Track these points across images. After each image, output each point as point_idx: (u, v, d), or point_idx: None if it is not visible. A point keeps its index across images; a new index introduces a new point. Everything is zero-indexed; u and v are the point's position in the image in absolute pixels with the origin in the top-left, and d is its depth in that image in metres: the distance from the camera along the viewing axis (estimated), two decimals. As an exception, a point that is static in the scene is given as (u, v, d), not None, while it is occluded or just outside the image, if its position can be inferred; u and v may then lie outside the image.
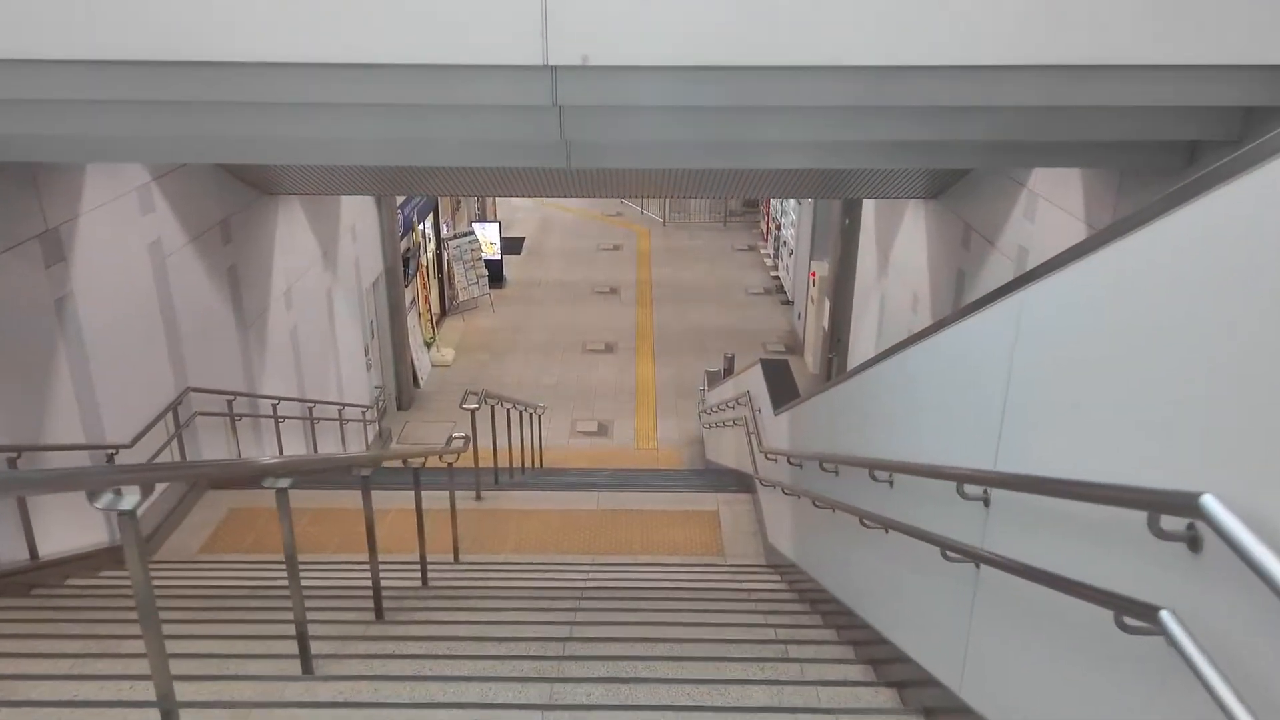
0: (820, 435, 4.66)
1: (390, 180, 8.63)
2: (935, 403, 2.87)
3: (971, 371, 2.56)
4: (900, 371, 3.22)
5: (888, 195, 9.22)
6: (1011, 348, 2.30)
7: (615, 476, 10.23)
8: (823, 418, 4.61)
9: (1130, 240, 1.85)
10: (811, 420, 4.92)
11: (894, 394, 3.30)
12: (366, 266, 12.11)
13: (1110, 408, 1.93)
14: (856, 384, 3.80)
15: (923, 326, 8.31)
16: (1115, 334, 1.93)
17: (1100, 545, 1.93)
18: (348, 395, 11.29)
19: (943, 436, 2.82)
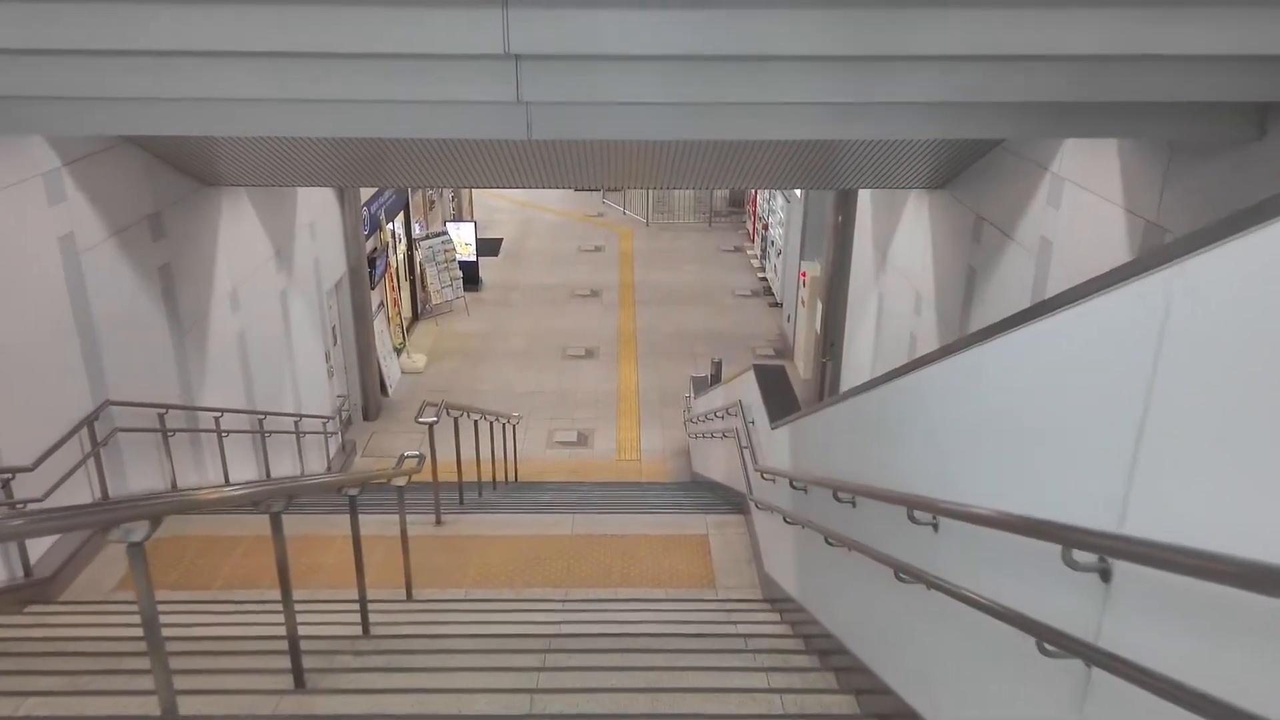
0: (832, 457, 3.90)
1: (344, 168, 7.84)
2: (1013, 423, 2.11)
3: (1082, 380, 1.80)
4: (953, 380, 2.46)
5: (888, 185, 8.50)
6: (1155, 348, 1.54)
7: (594, 492, 9.46)
8: (836, 436, 3.84)
9: None
10: (820, 438, 4.16)
11: (944, 410, 2.53)
12: (327, 267, 11.29)
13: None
14: (884, 396, 3.04)
15: (928, 329, 7.48)
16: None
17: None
18: (306, 405, 10.46)
19: (1025, 471, 2.06)
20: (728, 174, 7.90)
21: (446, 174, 7.79)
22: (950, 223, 7.81)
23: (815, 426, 4.26)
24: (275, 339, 9.56)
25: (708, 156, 7.36)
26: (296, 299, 10.15)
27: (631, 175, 7.88)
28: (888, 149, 7.20)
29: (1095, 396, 1.74)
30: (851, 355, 11.15)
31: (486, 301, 17.37)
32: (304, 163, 7.55)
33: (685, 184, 8.11)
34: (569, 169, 7.41)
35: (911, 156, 7.44)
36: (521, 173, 7.62)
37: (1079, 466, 1.80)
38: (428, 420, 6.11)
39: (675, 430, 12.66)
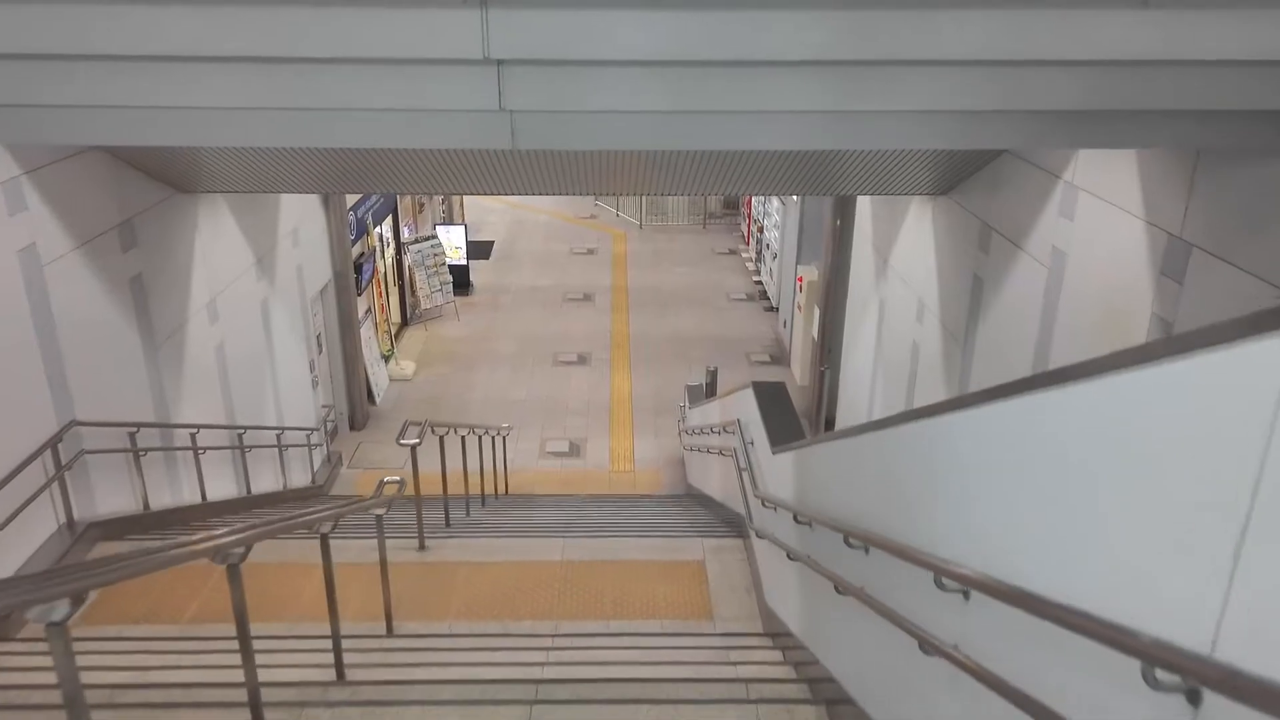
0: (842, 494, 3.60)
1: (327, 176, 7.53)
2: (1076, 491, 1.82)
3: (1173, 452, 1.51)
4: (1002, 430, 2.16)
5: (888, 191, 8.23)
6: (1270, 425, 1.25)
7: (586, 507, 9.17)
8: (848, 472, 3.55)
9: None
10: (830, 471, 3.86)
11: (986, 462, 2.24)
12: (312, 274, 10.97)
13: None
14: (911, 435, 2.75)
15: (931, 338, 7.19)
16: None
17: None
18: (289, 417, 10.15)
19: (1088, 553, 1.76)
20: (722, 181, 7.61)
21: (433, 182, 7.49)
22: (955, 230, 7.53)
23: (824, 458, 3.96)
24: (256, 350, 9.25)
25: (701, 164, 7.08)
26: (279, 308, 9.83)
27: (623, 183, 7.59)
28: (889, 155, 6.92)
29: (1189, 475, 1.45)
30: (851, 363, 10.88)
31: (477, 306, 17.06)
32: (285, 170, 7.24)
33: (678, 191, 7.82)
34: (558, 177, 7.12)
35: (913, 163, 7.16)
36: (510, 180, 7.33)
37: (1163, 557, 1.51)
38: (409, 442, 5.80)
39: (669, 439, 12.37)
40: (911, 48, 3.57)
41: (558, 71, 3.33)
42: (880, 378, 9.60)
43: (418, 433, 5.93)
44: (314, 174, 7.37)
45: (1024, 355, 6.07)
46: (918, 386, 8.37)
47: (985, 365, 6.83)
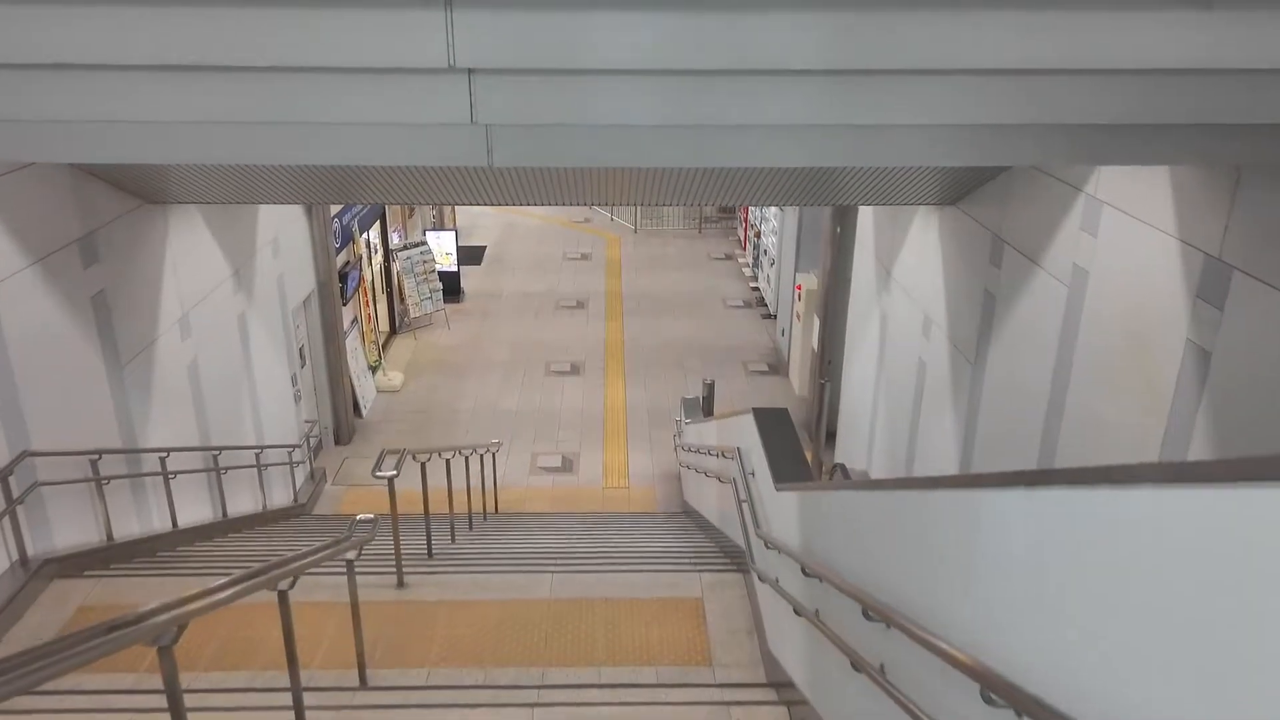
0: (864, 557, 3.23)
1: (302, 187, 7.14)
2: (1197, 616, 1.45)
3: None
4: (1083, 519, 1.79)
5: (893, 202, 7.86)
6: None
7: (578, 530, 8.79)
8: (871, 532, 3.18)
9: None
10: (847, 526, 3.49)
11: (1062, 556, 1.87)
12: (293, 284, 10.58)
13: None
14: (957, 505, 2.38)
15: (939, 355, 6.82)
16: None
17: None
18: (270, 434, 9.76)
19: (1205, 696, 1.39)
20: (718, 192, 7.25)
21: (412, 193, 7.11)
22: (964, 243, 7.17)
23: (841, 509, 3.59)
24: (233, 365, 8.85)
25: (697, 175, 6.71)
26: (258, 321, 9.44)
27: (614, 194, 7.21)
28: (895, 167, 6.56)
29: None
30: (852, 376, 10.51)
31: (468, 313, 16.67)
32: (258, 182, 6.85)
33: (673, 201, 7.45)
34: (544, 188, 6.75)
35: (920, 174, 6.79)
36: (494, 191, 6.95)
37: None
38: (386, 474, 5.42)
39: (665, 453, 12.00)
40: (927, 55, 3.21)
41: (528, 81, 2.95)
42: (883, 393, 9.23)
43: (395, 463, 5.54)
44: (289, 186, 6.98)
45: (1041, 378, 5.71)
46: (924, 404, 8.01)
47: (999, 387, 6.47)
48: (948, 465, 7.40)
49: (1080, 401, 5.30)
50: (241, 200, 7.72)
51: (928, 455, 7.92)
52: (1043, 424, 5.77)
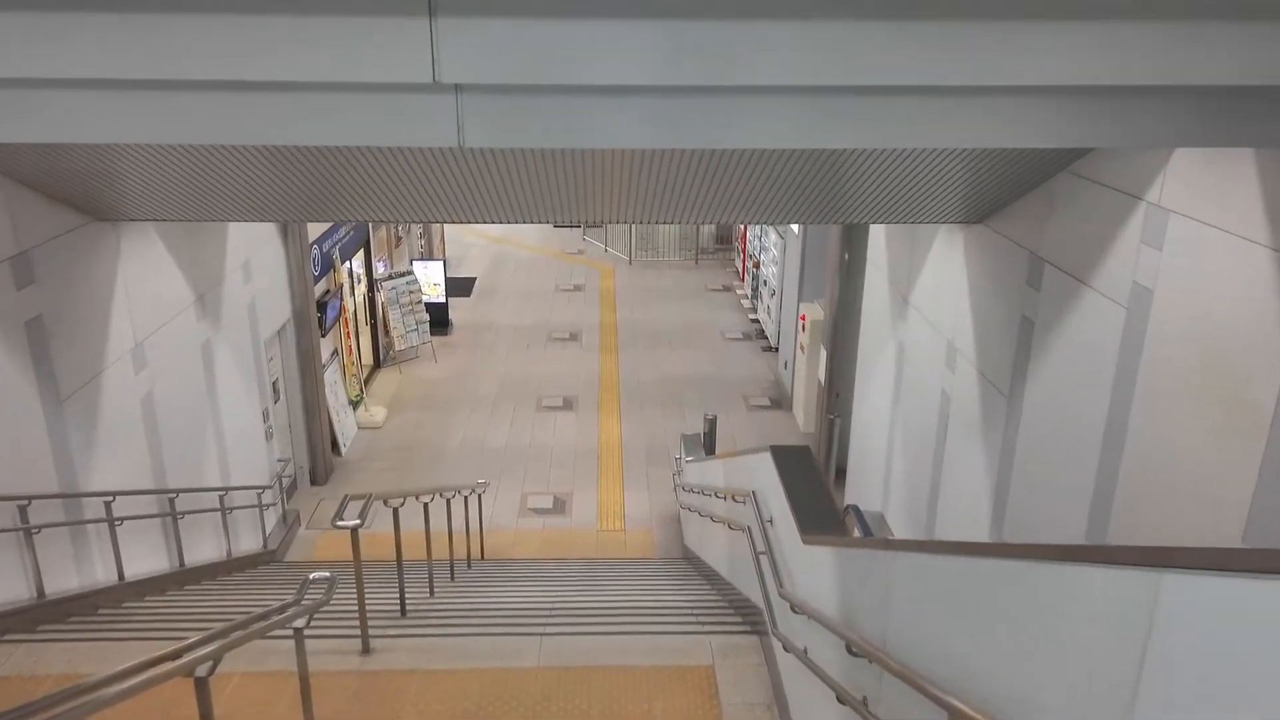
0: (945, 639, 2.53)
1: (273, 201, 6.47)
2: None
3: None
4: None
5: (910, 219, 7.22)
6: None
7: (570, 579, 8.04)
8: (958, 607, 2.48)
9: None
10: (915, 596, 2.79)
11: None
12: (267, 313, 9.89)
13: None
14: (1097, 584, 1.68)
15: (965, 387, 6.11)
16: None
17: None
18: (237, 475, 9.01)
19: None
20: (717, 205, 6.61)
21: (389, 206, 6.45)
22: (995, 264, 6.53)
23: (903, 572, 2.88)
24: (195, 400, 8.14)
25: (695, 184, 6.09)
26: (225, 351, 8.74)
27: (607, 206, 6.57)
28: (914, 174, 5.93)
29: None
30: (864, 410, 9.83)
31: (456, 346, 15.99)
32: (218, 195, 6.19)
33: (669, 218, 6.82)
34: (530, 200, 6.11)
35: (943, 185, 6.16)
36: (478, 204, 6.30)
37: None
38: (347, 524, 4.69)
39: (664, 493, 11.27)
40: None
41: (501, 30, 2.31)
42: (900, 428, 8.55)
43: (360, 510, 4.82)
44: (252, 200, 6.32)
45: (1094, 411, 5.04)
46: (950, 440, 7.33)
47: (1040, 421, 5.79)
48: (978, 506, 6.71)
49: (1145, 435, 4.62)
50: (203, 217, 7.05)
51: (954, 495, 7.23)
52: (1097, 461, 5.08)
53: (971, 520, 6.79)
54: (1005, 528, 6.26)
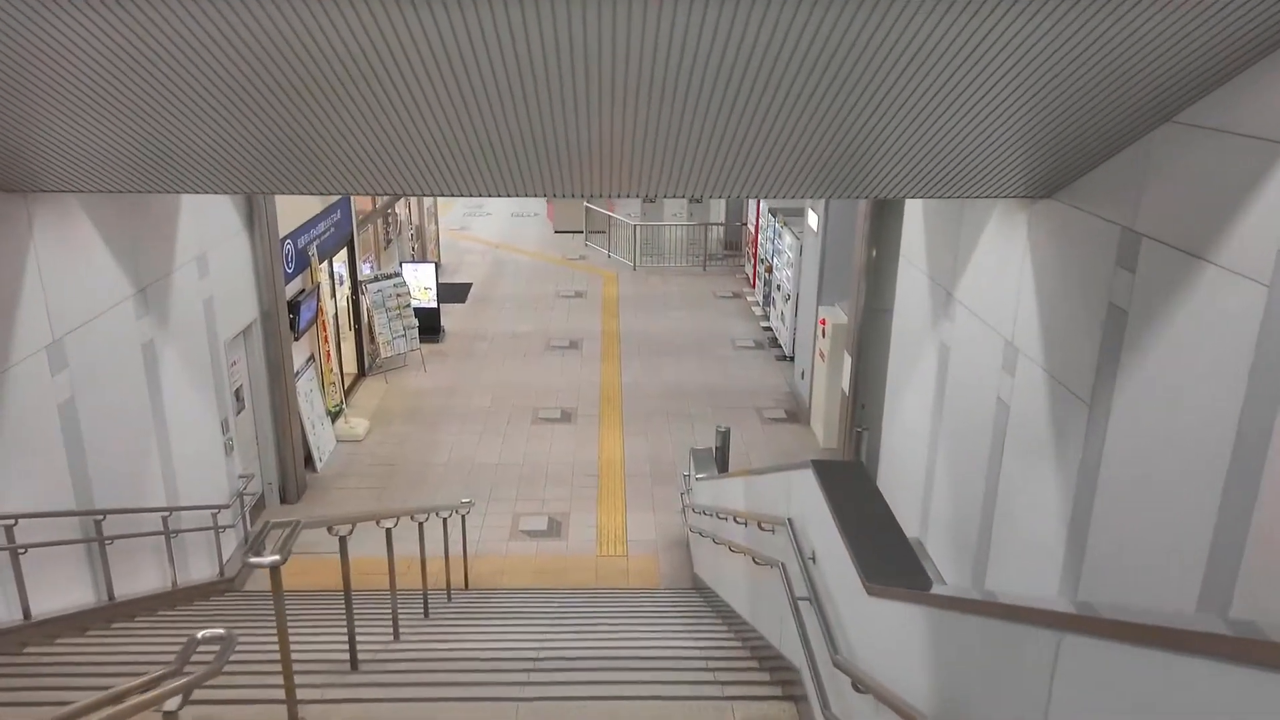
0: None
1: (236, 162, 5.41)
2: None
3: None
4: None
5: (959, 193, 6.15)
6: None
7: (565, 618, 6.94)
8: None
9: None
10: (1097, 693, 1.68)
11: None
12: (228, 311, 8.85)
13: None
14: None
15: (1030, 391, 4.65)
16: None
17: None
18: (189, 494, 7.94)
19: None
20: (737, 173, 5.56)
21: (374, 176, 5.42)
22: (1070, 244, 5.46)
23: (1077, 662, 1.79)
24: (132, 408, 7.08)
25: (711, 146, 5.05)
26: (173, 353, 7.69)
27: (616, 175, 5.52)
28: (969, 131, 4.87)
29: None
30: (896, 422, 8.74)
31: (447, 354, 14.93)
32: (163, 153, 5.13)
33: (682, 189, 5.77)
34: (535, 167, 5.08)
35: (1004, 145, 5.09)
36: (476, 174, 5.27)
37: None
38: (263, 561, 3.58)
39: (670, 514, 10.18)
40: None
41: None
42: (943, 442, 7.46)
43: (279, 541, 3.71)
44: (210, 163, 5.27)
45: (1218, 425, 3.94)
46: (1008, 456, 6.24)
47: (1136, 437, 4.69)
48: (1047, 543, 5.59)
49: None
50: (143, 187, 5.97)
51: (1014, 526, 6.12)
52: (1219, 490, 3.99)
53: (1037, 560, 5.68)
54: (1084, 571, 5.15)
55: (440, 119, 4.48)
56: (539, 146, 4.85)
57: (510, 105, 4.31)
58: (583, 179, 5.65)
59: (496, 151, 4.88)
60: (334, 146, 4.93)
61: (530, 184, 5.63)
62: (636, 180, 5.64)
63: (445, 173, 5.39)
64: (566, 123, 4.52)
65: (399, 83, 4.10)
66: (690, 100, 4.32)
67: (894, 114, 4.51)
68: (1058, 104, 4.38)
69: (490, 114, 4.40)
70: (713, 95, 4.29)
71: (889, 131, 4.77)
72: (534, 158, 5.05)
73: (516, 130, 4.59)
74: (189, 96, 4.22)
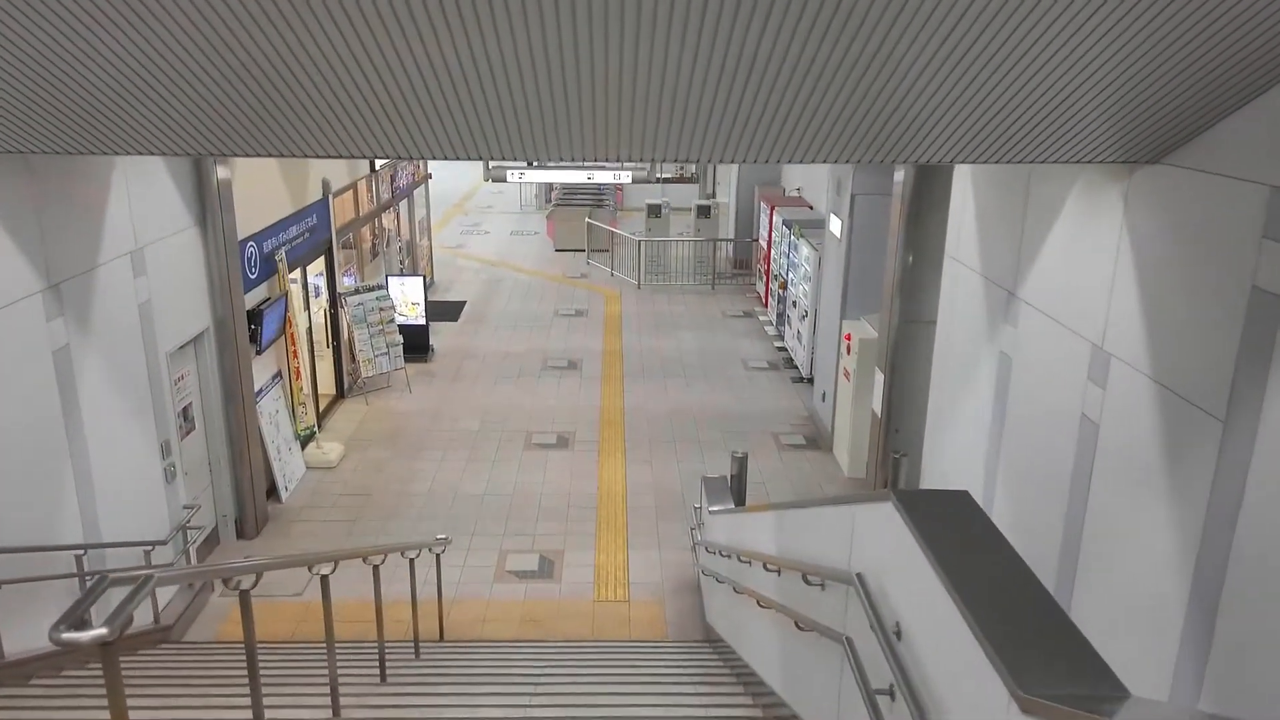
0: None
1: (179, 113, 4.30)
2: None
3: None
4: None
5: (1033, 157, 5.00)
6: None
7: (553, 679, 5.71)
8: None
9: None
10: None
11: None
12: (171, 317, 7.72)
13: None
14: None
15: (1128, 404, 3.61)
16: None
17: None
18: (114, 528, 6.77)
19: None
20: (769, 134, 4.45)
21: (355, 135, 4.32)
22: (1190, 219, 4.31)
23: None
24: (37, 424, 5.92)
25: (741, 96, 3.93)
26: (96, 362, 6.55)
27: (630, 134, 4.40)
28: (1055, 71, 3.75)
29: None
30: (944, 447, 7.55)
31: (435, 374, 13.78)
32: (80, 92, 4.03)
33: (698, 153, 4.65)
34: (543, 121, 3.99)
35: (1090, 94, 3.95)
36: (480, 135, 4.18)
37: None
38: (83, 639, 2.38)
39: (677, 552, 8.98)
40: None
41: None
42: (1007, 472, 6.27)
43: (120, 609, 2.51)
44: (145, 110, 4.16)
45: None
46: (1098, 489, 5.04)
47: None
48: (1159, 597, 4.37)
49: None
50: (51, 146, 4.84)
51: (1111, 574, 4.90)
52: None
53: (1141, 630, 4.45)
54: (1214, 652, 3.92)
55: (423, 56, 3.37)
56: (535, 104, 3.74)
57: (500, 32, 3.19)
58: (583, 137, 4.53)
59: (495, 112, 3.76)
60: (300, 94, 3.82)
61: (524, 143, 4.51)
62: (648, 138, 4.52)
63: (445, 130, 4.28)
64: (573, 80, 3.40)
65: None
66: (712, 24, 3.20)
67: (956, 47, 3.38)
68: (1188, 29, 3.24)
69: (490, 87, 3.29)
70: (749, 24, 3.17)
71: (948, 73, 3.65)
72: (530, 114, 3.94)
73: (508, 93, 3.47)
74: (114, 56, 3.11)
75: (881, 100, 4.05)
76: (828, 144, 4.62)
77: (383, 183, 14.67)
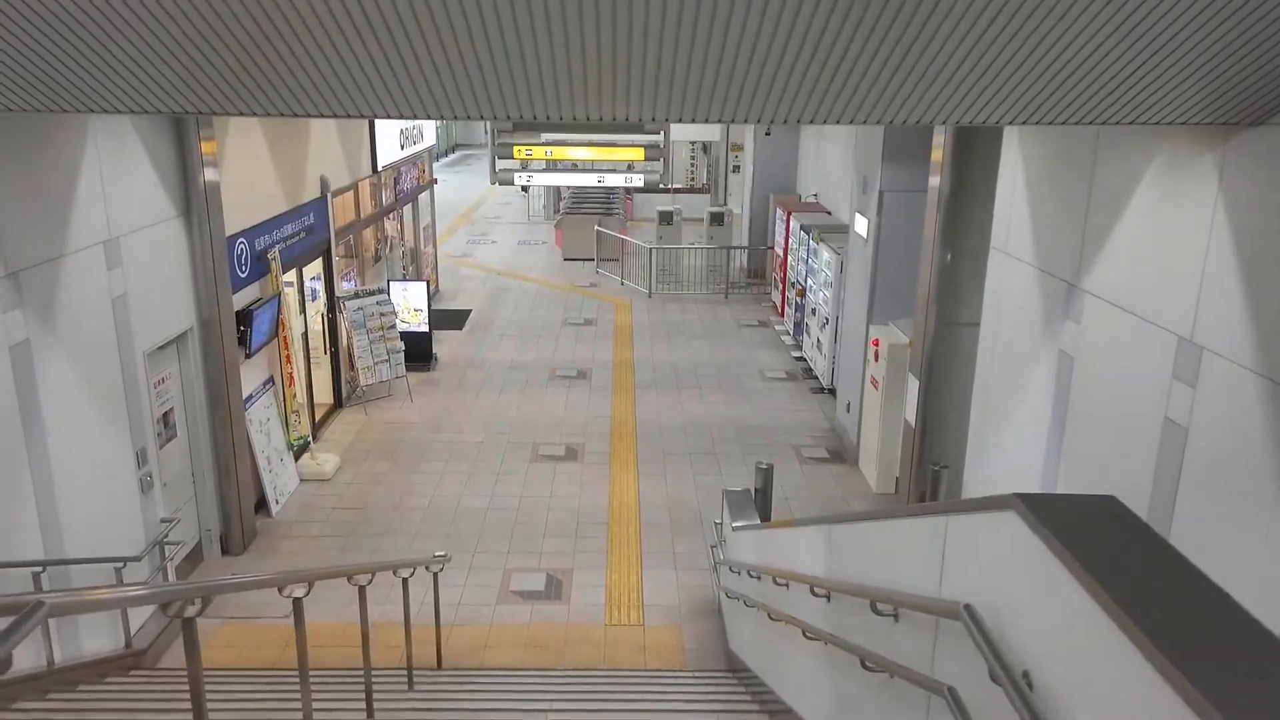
0: None
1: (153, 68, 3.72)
2: None
3: None
4: None
5: (1104, 118, 4.40)
6: None
7: (564, 702, 5.07)
8: None
9: None
10: None
11: None
12: (148, 315, 7.14)
13: None
14: None
15: (1224, 407, 3.09)
16: None
17: None
18: (80, 543, 6.16)
19: None
20: (801, 89, 3.86)
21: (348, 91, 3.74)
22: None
23: None
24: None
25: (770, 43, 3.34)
26: (61, 360, 5.97)
27: (656, 89, 3.81)
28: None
29: None
30: (992, 457, 6.90)
31: (438, 383, 13.18)
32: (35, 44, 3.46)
33: (740, 110, 4.05)
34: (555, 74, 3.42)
35: (1203, 32, 3.35)
36: (465, 93, 3.60)
37: None
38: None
39: (696, 573, 8.33)
40: None
41: None
42: (1065, 480, 5.63)
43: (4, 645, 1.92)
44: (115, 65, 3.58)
45: None
46: (1185, 500, 4.39)
47: None
48: (1270, 622, 3.72)
49: None
50: (6, 101, 4.27)
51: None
52: None
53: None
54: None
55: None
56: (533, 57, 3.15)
57: None
58: (600, 91, 3.94)
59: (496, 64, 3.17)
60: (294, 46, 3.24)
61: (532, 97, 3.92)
62: (676, 94, 3.92)
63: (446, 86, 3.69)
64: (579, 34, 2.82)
65: None
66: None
67: None
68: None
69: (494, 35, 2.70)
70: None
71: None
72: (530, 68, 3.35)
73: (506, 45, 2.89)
74: None
75: (931, 46, 3.44)
76: (869, 100, 4.01)
77: (386, 185, 14.13)
